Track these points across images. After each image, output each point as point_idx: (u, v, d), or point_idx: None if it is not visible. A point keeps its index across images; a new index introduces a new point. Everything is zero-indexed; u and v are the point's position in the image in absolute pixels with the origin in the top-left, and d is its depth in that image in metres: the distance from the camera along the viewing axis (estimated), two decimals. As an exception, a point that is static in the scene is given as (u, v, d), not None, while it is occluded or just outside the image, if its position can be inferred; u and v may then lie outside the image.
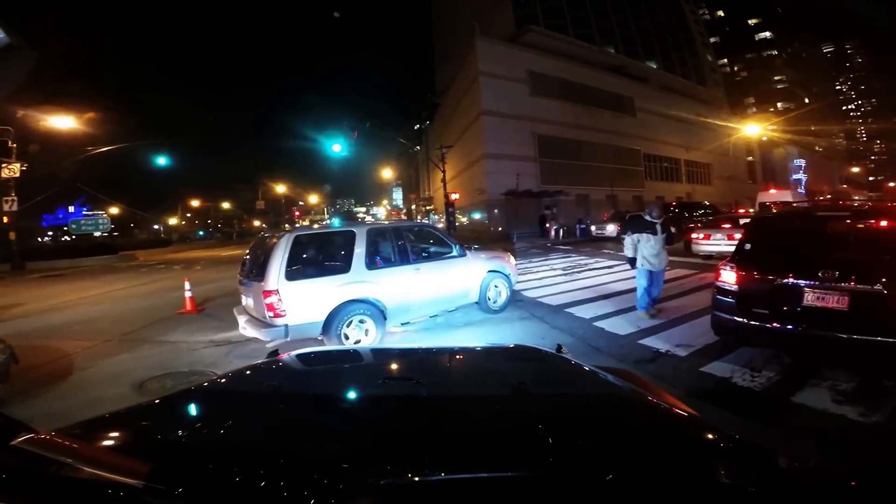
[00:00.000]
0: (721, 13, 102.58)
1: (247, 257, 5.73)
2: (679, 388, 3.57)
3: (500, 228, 28.31)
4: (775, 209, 5.69)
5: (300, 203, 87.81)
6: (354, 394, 1.53)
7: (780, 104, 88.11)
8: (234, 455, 1.01)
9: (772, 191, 21.72)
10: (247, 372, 1.84)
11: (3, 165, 19.00)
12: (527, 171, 30.92)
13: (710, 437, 1.18)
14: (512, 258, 7.33)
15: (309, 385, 1.70)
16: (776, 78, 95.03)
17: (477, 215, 34.12)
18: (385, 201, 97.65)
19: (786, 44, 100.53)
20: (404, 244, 5.82)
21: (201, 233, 67.13)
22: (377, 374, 1.81)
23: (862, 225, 3.97)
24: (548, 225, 24.84)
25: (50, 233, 51.30)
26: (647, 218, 6.11)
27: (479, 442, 1.08)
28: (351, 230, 5.47)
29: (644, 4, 45.77)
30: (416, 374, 1.67)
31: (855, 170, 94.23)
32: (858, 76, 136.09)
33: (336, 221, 7.80)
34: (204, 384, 1.64)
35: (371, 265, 5.36)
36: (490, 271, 6.64)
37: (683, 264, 11.43)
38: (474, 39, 31.79)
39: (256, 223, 79.77)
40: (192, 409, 1.39)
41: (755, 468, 0.97)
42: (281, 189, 63.79)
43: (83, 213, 34.12)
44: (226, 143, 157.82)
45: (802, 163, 61.85)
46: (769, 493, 0.85)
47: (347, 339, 5.02)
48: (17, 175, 19.38)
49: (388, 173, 71.06)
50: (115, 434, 1.17)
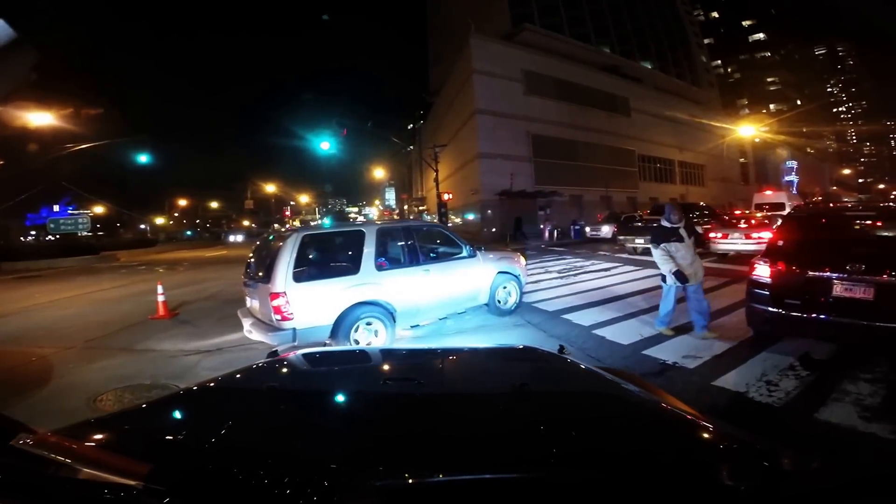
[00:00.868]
0: (715, 14, 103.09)
1: (251, 258, 5.55)
2: (691, 405, 3.18)
3: (494, 229, 27.92)
4: (811, 207, 6.08)
5: (291, 203, 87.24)
6: (354, 394, 1.51)
7: (772, 106, 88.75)
8: (233, 456, 1.00)
9: (767, 192, 21.68)
10: (246, 372, 1.78)
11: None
12: (521, 171, 30.52)
13: (712, 437, 1.16)
14: (522, 259, 7.13)
15: (308, 385, 1.68)
16: (769, 79, 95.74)
17: (470, 216, 33.72)
18: (377, 201, 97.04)
19: (779, 45, 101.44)
20: (414, 244, 5.61)
21: (189, 232, 66.30)
22: (377, 374, 1.80)
23: (885, 223, 4.39)
24: (542, 226, 24.52)
25: (33, 232, 50.14)
26: (667, 223, 5.17)
27: (480, 443, 1.07)
28: (360, 230, 5.27)
29: (640, 4, 45.77)
30: (416, 374, 1.63)
31: (846, 172, 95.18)
32: (850, 78, 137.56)
33: (327, 221, 7.50)
34: (204, 384, 1.61)
35: (380, 266, 5.15)
36: (500, 272, 6.47)
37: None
38: (469, 37, 31.36)
39: (246, 223, 79.16)
40: (191, 409, 1.38)
41: (758, 469, 0.97)
42: (270, 189, 63.12)
43: (68, 212, 33.52)
44: (215, 142, 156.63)
45: (794, 164, 62.39)
46: (772, 494, 0.84)
47: (357, 343, 4.81)
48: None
49: (380, 173, 70.47)
50: (114, 434, 1.16)
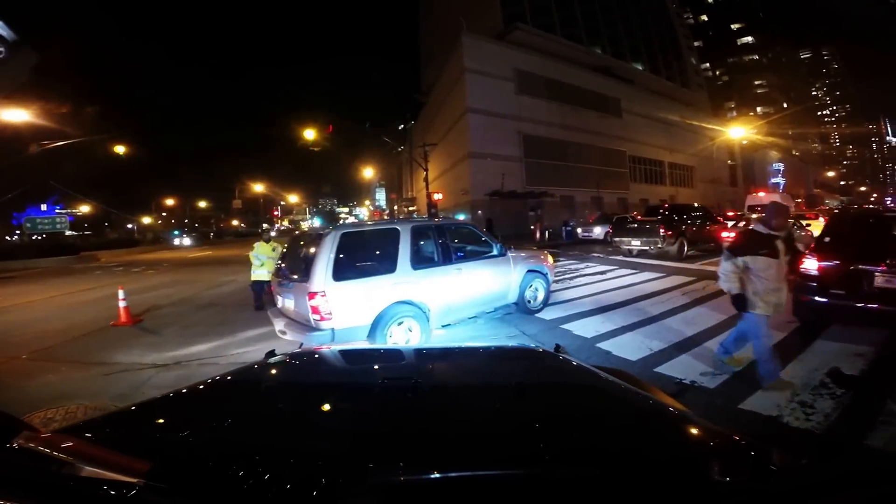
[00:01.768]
0: (705, 17, 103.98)
1: (282, 257, 5.58)
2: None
3: (485, 230, 27.40)
4: (854, 208, 6.15)
5: (281, 203, 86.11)
6: (352, 393, 1.51)
7: (759, 108, 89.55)
8: (233, 454, 1.00)
9: (760, 194, 21.75)
10: (246, 371, 1.79)
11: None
12: (512, 172, 30.13)
13: (706, 435, 1.16)
14: (550, 258, 7.09)
15: (307, 385, 1.66)
16: (756, 82, 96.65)
17: (461, 216, 33.22)
18: (367, 201, 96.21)
19: (766, 49, 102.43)
20: (446, 242, 5.51)
21: (177, 232, 64.99)
22: (375, 373, 1.78)
23: None
24: (533, 227, 24.10)
25: (18, 232, 49.21)
26: (763, 229, 3.59)
27: (476, 441, 1.07)
28: (395, 227, 5.13)
29: (631, 6, 45.80)
30: (413, 373, 1.63)
31: (830, 174, 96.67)
32: (833, 82, 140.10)
33: (317, 221, 7.05)
34: (204, 383, 1.57)
35: (415, 265, 5.01)
36: (529, 271, 6.44)
37: (685, 271, 10.79)
38: (461, 35, 30.87)
39: (235, 223, 77.92)
40: (191, 407, 1.38)
41: (750, 466, 0.98)
42: (259, 188, 62.08)
43: (55, 210, 33.69)
44: (204, 141, 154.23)
45: (781, 167, 63.09)
46: (764, 490, 0.85)
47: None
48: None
49: (370, 174, 69.73)
50: (115, 433, 1.16)
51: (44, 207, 33.51)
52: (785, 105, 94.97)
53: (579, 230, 23.58)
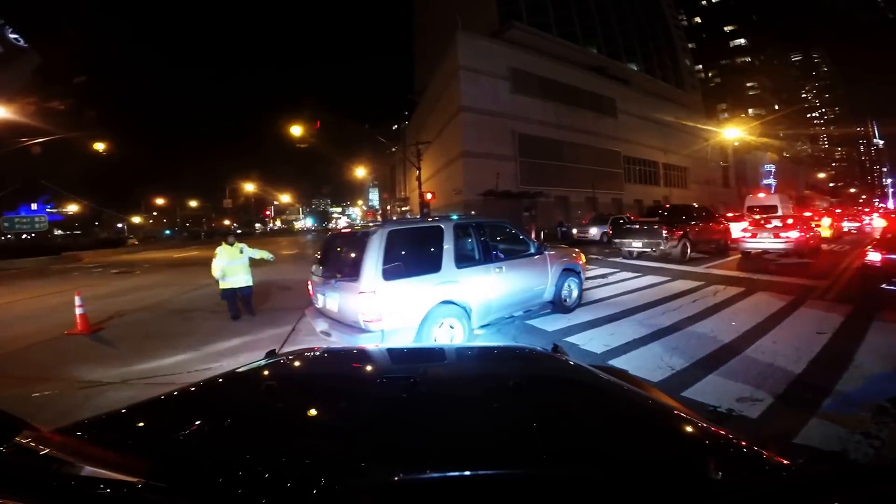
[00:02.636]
0: (698, 19, 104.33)
1: (317, 255, 5.40)
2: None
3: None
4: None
5: (274, 203, 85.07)
6: (352, 393, 1.48)
7: (751, 110, 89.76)
8: (233, 454, 1.00)
9: (760, 195, 21.58)
10: (246, 372, 1.67)
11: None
12: (506, 171, 29.55)
13: (704, 435, 1.15)
14: (582, 256, 7.08)
15: (307, 384, 1.63)
16: (748, 84, 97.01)
17: (454, 217, 32.63)
18: (360, 201, 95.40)
19: (759, 51, 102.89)
20: (486, 241, 5.45)
21: (168, 232, 63.88)
22: (374, 373, 1.77)
23: None
24: (527, 227, 23.58)
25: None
26: None
27: (474, 441, 1.06)
28: (438, 225, 5.04)
29: (627, 6, 45.52)
30: (413, 373, 1.55)
31: (821, 175, 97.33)
32: (823, 84, 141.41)
33: (310, 221, 6.52)
34: (204, 382, 1.54)
35: (459, 264, 4.92)
36: (564, 269, 6.41)
37: (690, 274, 10.29)
38: (456, 33, 30.28)
39: (227, 222, 76.85)
40: (192, 407, 1.36)
41: (747, 467, 0.98)
42: (251, 188, 61.24)
43: (45, 210, 33.91)
44: (196, 141, 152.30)
45: (773, 168, 63.29)
46: (763, 490, 0.85)
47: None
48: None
49: (363, 173, 69.07)
50: (116, 432, 1.14)
51: (34, 206, 33.38)
52: (776, 107, 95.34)
53: (574, 231, 23.11)
